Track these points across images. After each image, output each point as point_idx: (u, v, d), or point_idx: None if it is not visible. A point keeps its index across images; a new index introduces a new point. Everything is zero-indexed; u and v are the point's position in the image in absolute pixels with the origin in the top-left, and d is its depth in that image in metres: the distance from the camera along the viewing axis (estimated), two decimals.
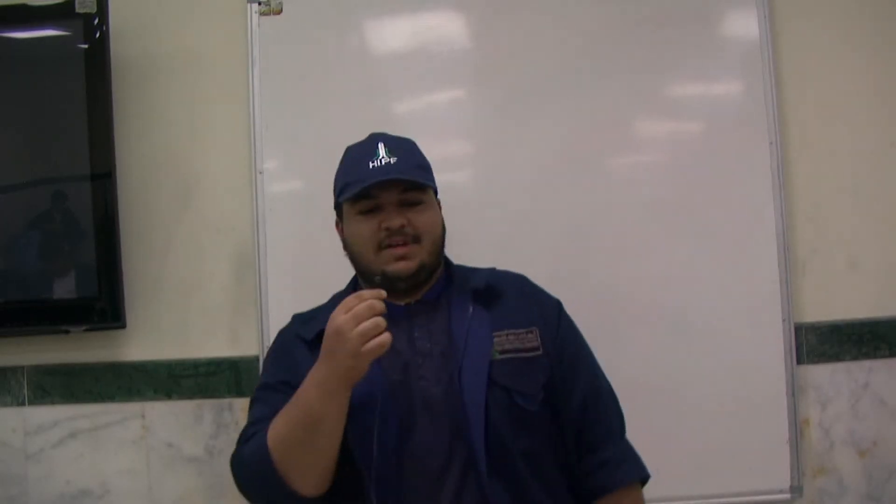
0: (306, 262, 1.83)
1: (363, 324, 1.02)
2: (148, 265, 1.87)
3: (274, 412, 1.12)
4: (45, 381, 1.85)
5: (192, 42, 1.91)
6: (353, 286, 1.30)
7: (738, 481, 1.78)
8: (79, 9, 1.78)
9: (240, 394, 1.85)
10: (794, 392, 1.78)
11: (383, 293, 1.07)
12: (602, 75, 1.83)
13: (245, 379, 1.84)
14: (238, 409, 1.85)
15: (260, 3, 1.87)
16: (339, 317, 1.04)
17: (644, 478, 1.23)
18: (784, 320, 1.79)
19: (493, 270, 1.30)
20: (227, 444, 1.85)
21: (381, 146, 1.21)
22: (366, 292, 1.07)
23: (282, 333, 1.31)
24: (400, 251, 1.18)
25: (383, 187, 1.18)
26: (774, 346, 1.79)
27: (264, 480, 1.09)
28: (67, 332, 1.79)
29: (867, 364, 1.83)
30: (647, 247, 1.80)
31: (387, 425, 1.12)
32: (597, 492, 1.20)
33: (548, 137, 1.83)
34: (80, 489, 1.85)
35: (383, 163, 1.19)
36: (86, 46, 1.79)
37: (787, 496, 1.79)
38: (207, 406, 1.86)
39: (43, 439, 1.85)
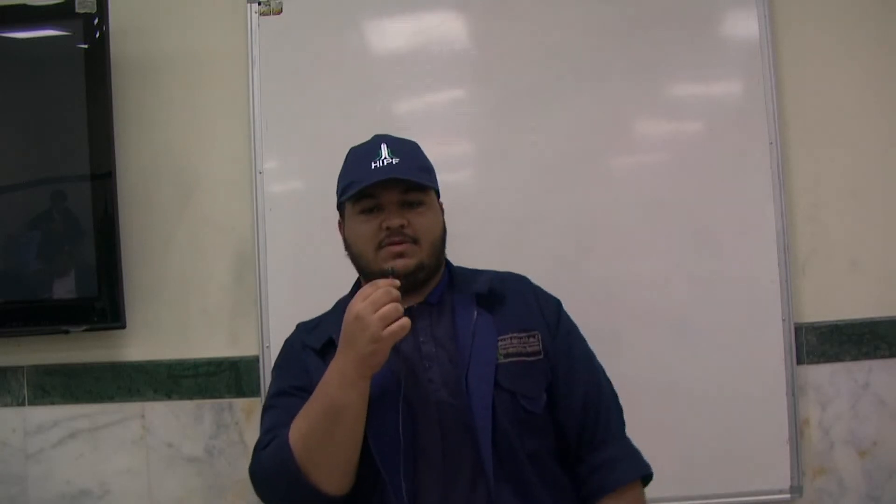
0: (306, 262, 1.83)
1: (383, 308, 1.04)
2: (148, 265, 1.87)
3: (289, 417, 1.12)
4: (45, 381, 1.86)
5: (192, 42, 1.91)
6: (357, 290, 1.29)
7: (738, 481, 1.78)
8: (79, 9, 1.78)
9: (240, 394, 1.85)
10: (794, 392, 1.78)
11: (397, 282, 1.08)
12: (602, 75, 1.83)
13: (245, 379, 1.85)
14: (238, 410, 1.85)
15: (260, 3, 1.87)
16: (357, 303, 1.05)
17: (645, 475, 1.23)
18: (784, 320, 1.79)
19: (494, 273, 1.30)
20: (227, 444, 1.85)
21: (383, 147, 1.22)
22: (381, 281, 1.08)
23: (288, 343, 1.30)
24: (397, 249, 1.19)
25: (384, 187, 1.19)
26: (774, 346, 1.79)
27: (287, 481, 1.08)
28: (67, 332, 1.79)
29: (867, 364, 1.83)
30: (647, 247, 1.80)
31: (402, 431, 1.12)
32: (597, 492, 1.19)
33: (548, 137, 1.83)
34: (80, 489, 1.85)
35: (385, 163, 1.19)
36: (86, 46, 1.79)
37: (787, 496, 1.79)
38: (207, 406, 1.86)
39: (43, 439, 1.85)
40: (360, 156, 1.24)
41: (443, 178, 1.32)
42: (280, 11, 1.87)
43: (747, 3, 1.83)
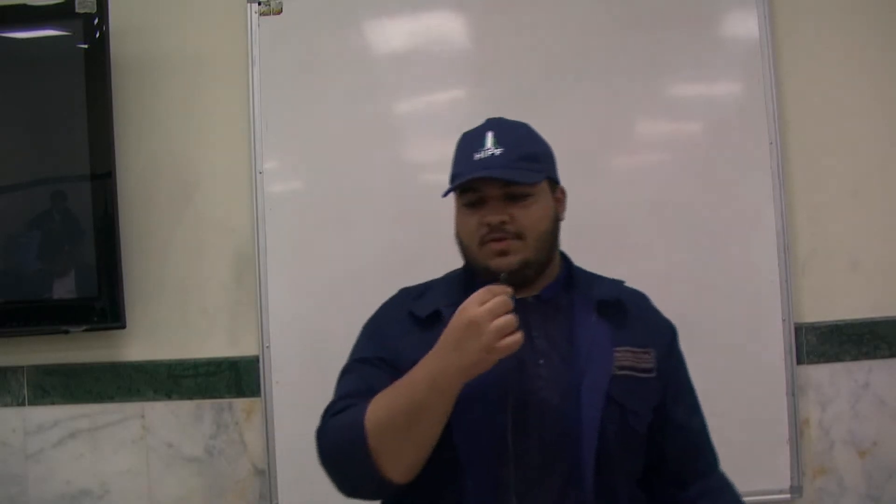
0: (306, 262, 1.83)
1: (500, 319, 0.99)
2: (148, 265, 1.87)
3: (368, 388, 1.08)
4: (45, 381, 1.86)
5: (192, 42, 1.91)
6: (467, 273, 1.22)
7: (738, 481, 1.74)
8: (79, 9, 1.78)
9: (239, 394, 1.85)
10: (794, 392, 1.79)
11: (511, 290, 1.03)
12: (602, 75, 1.84)
13: (245, 379, 1.85)
14: (238, 410, 1.85)
15: (260, 3, 1.87)
16: (472, 308, 1.00)
17: None
18: (784, 320, 1.79)
19: (619, 284, 1.26)
20: (227, 444, 1.85)
21: (488, 136, 1.17)
22: (497, 287, 1.03)
23: (385, 307, 1.23)
24: (499, 246, 1.12)
25: (486, 181, 1.13)
26: (774, 346, 1.79)
27: (353, 460, 1.04)
28: (67, 332, 1.79)
29: (867, 364, 1.83)
30: (648, 247, 1.80)
31: (496, 423, 1.08)
32: None
33: (547, 137, 1.82)
34: (80, 489, 1.85)
35: (487, 154, 1.14)
36: (86, 46, 1.79)
37: (787, 496, 1.79)
38: (207, 406, 1.86)
39: (43, 439, 1.85)
40: (467, 144, 1.19)
41: (443, 178, 1.30)
42: (280, 11, 1.87)
43: (747, 3, 1.84)
